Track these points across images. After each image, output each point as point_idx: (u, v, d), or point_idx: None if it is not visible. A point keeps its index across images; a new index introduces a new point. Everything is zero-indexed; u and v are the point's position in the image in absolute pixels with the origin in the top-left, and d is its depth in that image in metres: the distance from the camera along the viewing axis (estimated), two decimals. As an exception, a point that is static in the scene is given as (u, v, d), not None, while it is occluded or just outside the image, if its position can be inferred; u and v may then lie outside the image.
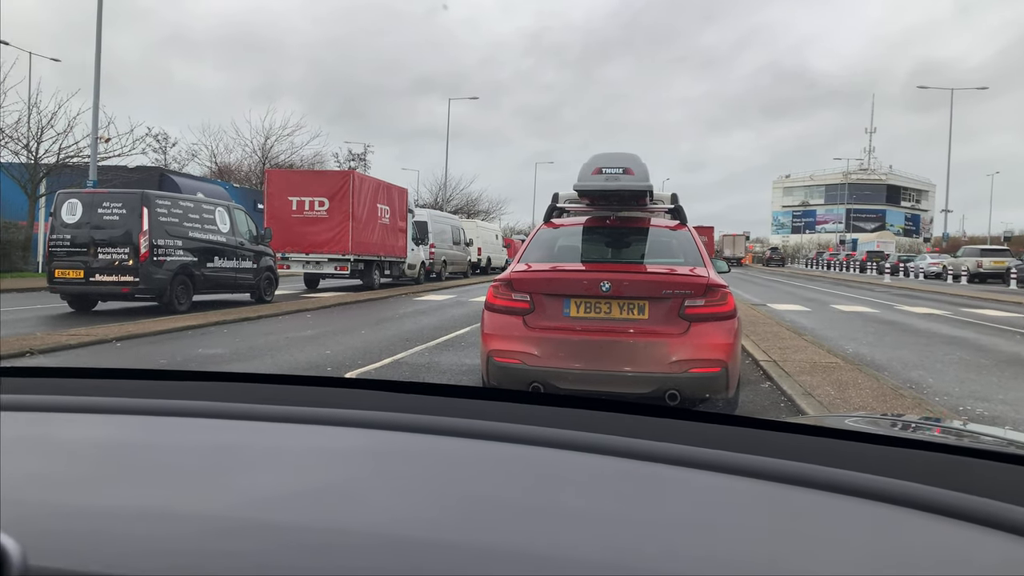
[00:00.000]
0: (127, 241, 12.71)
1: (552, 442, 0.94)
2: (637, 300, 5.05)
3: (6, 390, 1.15)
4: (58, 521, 0.70)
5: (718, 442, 0.93)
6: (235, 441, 0.97)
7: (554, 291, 5.18)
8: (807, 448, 0.92)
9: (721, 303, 5.05)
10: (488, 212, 64.94)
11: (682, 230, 6.06)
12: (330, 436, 0.99)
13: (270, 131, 44.69)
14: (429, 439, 0.97)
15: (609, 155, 5.95)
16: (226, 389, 1.17)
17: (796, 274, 50.71)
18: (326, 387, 1.20)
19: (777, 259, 77.16)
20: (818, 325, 13.86)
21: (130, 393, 1.14)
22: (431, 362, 8.54)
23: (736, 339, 5.09)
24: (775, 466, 0.87)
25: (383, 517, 0.73)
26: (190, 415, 1.05)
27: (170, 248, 13.25)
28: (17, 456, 0.89)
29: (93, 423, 1.03)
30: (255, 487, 0.80)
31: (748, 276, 41.80)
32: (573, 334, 5.09)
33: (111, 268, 12.71)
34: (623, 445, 0.93)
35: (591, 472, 0.88)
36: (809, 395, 6.44)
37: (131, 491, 0.78)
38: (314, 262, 20.10)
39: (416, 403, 1.07)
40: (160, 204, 13.31)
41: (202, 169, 44.08)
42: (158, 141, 41.45)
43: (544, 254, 5.80)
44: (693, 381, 4.90)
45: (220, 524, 0.70)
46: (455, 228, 31.21)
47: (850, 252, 67.98)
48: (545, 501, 0.80)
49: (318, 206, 19.94)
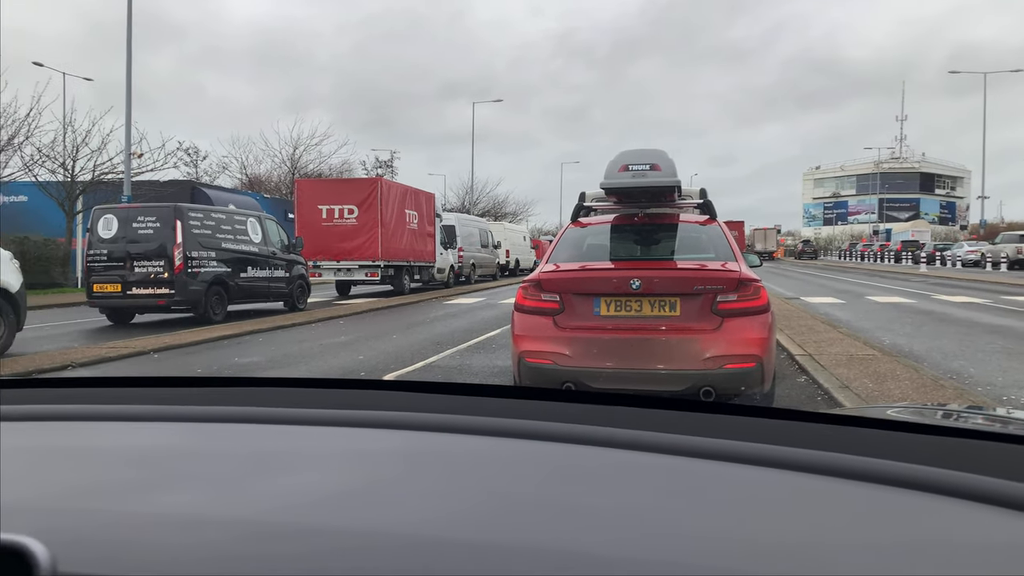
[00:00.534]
0: (162, 254, 12.93)
1: (587, 439, 0.94)
2: (668, 297, 5.01)
3: (45, 401, 1.18)
4: (92, 528, 0.71)
5: (757, 435, 0.92)
6: (270, 446, 0.97)
7: (584, 290, 5.16)
8: (849, 439, 0.91)
9: (754, 297, 4.99)
10: (515, 214, 64.96)
11: (712, 225, 6.00)
12: (364, 438, 0.99)
13: (298, 141, 45.18)
14: (463, 439, 0.96)
15: (635, 152, 5.92)
16: (260, 394, 1.18)
17: (829, 266, 49.96)
18: (358, 390, 1.20)
19: (809, 252, 76.11)
20: (853, 317, 13.65)
21: (165, 401, 1.16)
22: (462, 365, 8.56)
23: (770, 333, 5.03)
24: (817, 458, 0.86)
25: (419, 518, 0.73)
26: (225, 421, 1.06)
27: (204, 259, 13.44)
28: (55, 465, 0.91)
29: (129, 431, 1.04)
30: (291, 491, 0.80)
31: (780, 270, 41.29)
32: (604, 333, 5.07)
33: (147, 281, 12.93)
34: (660, 441, 0.92)
35: (630, 469, 0.87)
36: (846, 388, 6.34)
37: (167, 497, 0.79)
38: (345, 269, 20.26)
39: (449, 403, 1.07)
40: (193, 217, 13.52)
41: (233, 181, 44.68)
42: (189, 155, 42.13)
43: (573, 254, 5.79)
44: (728, 377, 4.85)
45: (256, 529, 0.70)
46: (483, 231, 31.25)
47: (884, 242, 66.81)
48: (583, 499, 0.79)
49: (347, 214, 20.10)
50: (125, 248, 13.04)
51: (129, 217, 13.23)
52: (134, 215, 13.28)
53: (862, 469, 0.83)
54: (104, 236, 13.14)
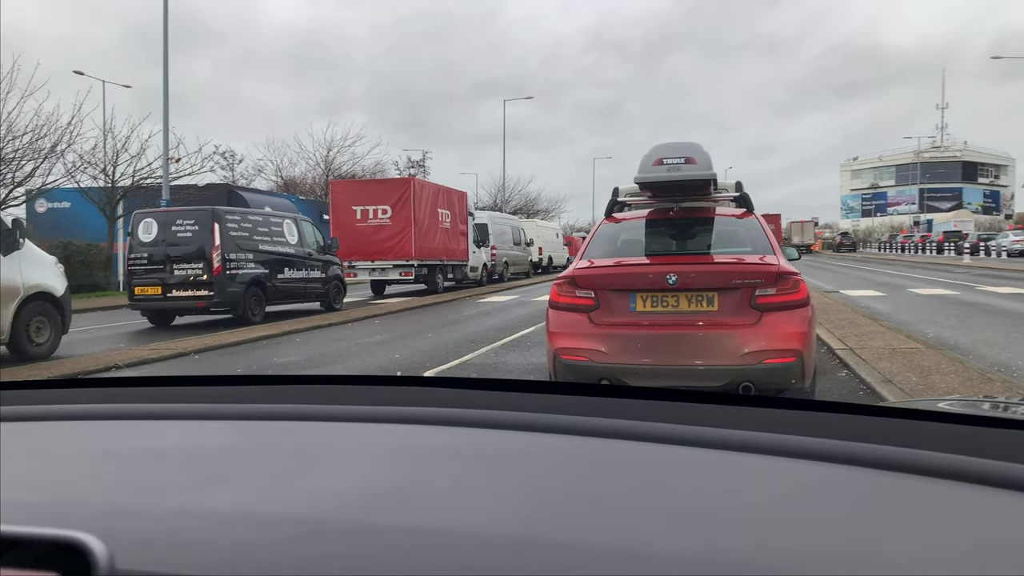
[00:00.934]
0: (200, 256, 13.13)
1: (635, 435, 0.92)
2: (705, 292, 4.95)
3: (94, 400, 1.20)
4: (146, 524, 0.71)
5: (803, 429, 0.90)
6: (315, 443, 0.98)
7: (619, 286, 5.12)
8: (902, 432, 0.88)
9: (793, 291, 4.91)
10: (547, 211, 64.90)
11: (749, 218, 5.92)
12: (410, 435, 0.98)
13: (332, 143, 45.62)
14: (508, 435, 0.96)
15: (670, 145, 5.86)
16: (304, 392, 1.18)
17: (868, 259, 49.10)
18: (402, 386, 1.20)
19: (848, 244, 74.83)
20: (895, 310, 13.39)
21: (211, 399, 1.17)
22: (498, 362, 8.57)
23: (810, 327, 4.95)
24: (868, 451, 0.83)
25: (464, 515, 0.72)
26: (270, 419, 1.07)
27: (242, 261, 13.63)
28: (107, 462, 0.92)
29: (177, 429, 1.05)
30: (336, 488, 0.80)
31: (818, 263, 40.68)
32: (640, 329, 5.03)
33: (186, 283, 13.16)
34: (706, 436, 0.90)
35: (678, 464, 0.86)
36: (889, 382, 6.22)
37: (216, 495, 0.79)
38: (379, 269, 20.41)
39: (492, 400, 1.06)
40: (230, 219, 13.72)
41: (268, 184, 45.30)
42: (225, 159, 42.83)
43: (607, 249, 5.75)
44: (767, 372, 4.78)
45: (303, 526, 0.70)
46: (515, 229, 31.25)
47: (925, 233, 65.52)
48: (633, 496, 0.78)
49: (381, 214, 20.25)
50: (165, 251, 13.28)
51: (168, 221, 13.47)
52: (173, 219, 13.52)
53: (918, 463, 0.81)
54: (144, 240, 13.39)
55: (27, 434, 1.06)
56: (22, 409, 1.15)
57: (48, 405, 1.17)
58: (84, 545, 0.59)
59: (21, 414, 1.13)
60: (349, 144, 47.15)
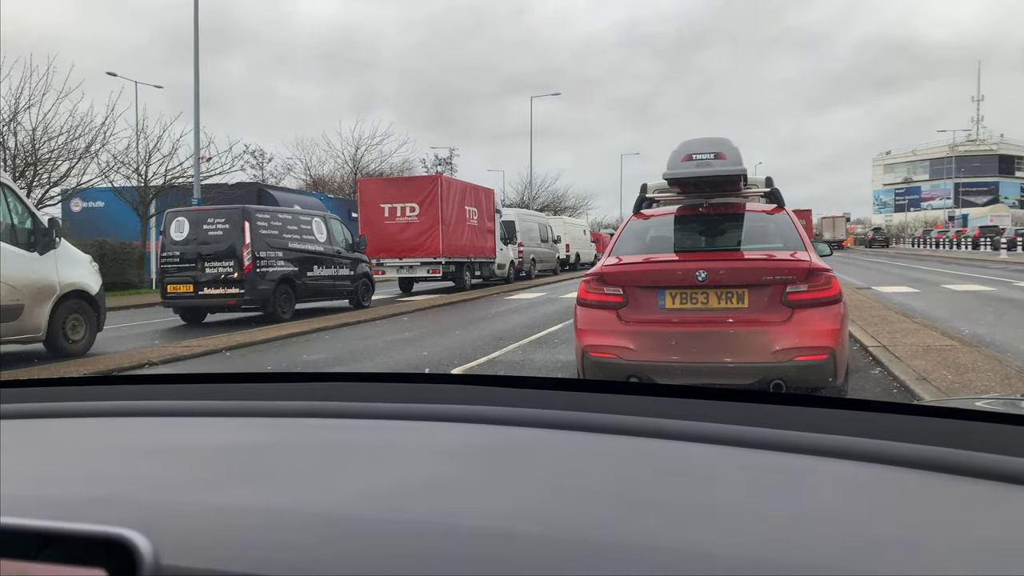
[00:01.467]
0: (231, 254, 13.28)
1: (666, 434, 0.91)
2: (736, 288, 4.90)
3: (130, 397, 1.21)
4: (187, 521, 0.72)
5: (837, 428, 0.88)
6: (346, 439, 0.98)
7: (648, 283, 5.09)
8: (940, 431, 0.86)
9: (825, 287, 4.85)
10: (575, 208, 64.72)
11: (780, 214, 5.85)
12: (439, 431, 0.99)
13: (360, 141, 45.94)
14: (538, 433, 0.95)
15: (699, 140, 5.81)
16: (337, 389, 1.19)
17: (902, 254, 48.33)
18: (431, 384, 1.20)
19: (880, 240, 73.75)
20: (929, 306, 13.16)
21: (245, 396, 1.18)
22: (525, 360, 8.57)
23: (843, 324, 4.88)
24: (904, 450, 0.82)
25: (497, 512, 0.72)
26: (303, 415, 1.08)
27: (272, 259, 13.77)
28: (145, 458, 0.93)
29: (213, 426, 1.07)
30: (369, 485, 0.80)
31: (850, 258, 40.13)
32: (669, 326, 4.99)
33: (217, 281, 13.32)
34: (738, 434, 0.89)
35: (709, 463, 0.85)
36: (924, 380, 6.12)
37: (253, 490, 0.80)
38: (407, 266, 20.53)
39: (522, 397, 1.06)
40: (260, 218, 13.86)
41: (297, 182, 45.75)
42: (255, 158, 43.35)
43: (635, 246, 5.71)
44: (799, 370, 4.73)
45: (337, 522, 0.71)
46: (542, 226, 31.22)
47: (960, 228, 64.33)
48: (664, 494, 0.77)
49: (409, 212, 20.35)
50: (196, 249, 13.46)
51: (200, 219, 13.64)
52: (204, 217, 13.69)
53: (957, 462, 0.79)
54: (176, 238, 13.58)
55: (65, 430, 1.08)
56: (59, 406, 1.17)
57: (85, 402, 1.19)
58: (130, 542, 0.60)
59: (59, 411, 1.15)
60: (377, 142, 47.51)
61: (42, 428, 1.09)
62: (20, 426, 1.09)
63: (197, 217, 13.75)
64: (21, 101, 22.37)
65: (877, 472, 0.80)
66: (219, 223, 13.47)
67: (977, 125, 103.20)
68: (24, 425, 1.09)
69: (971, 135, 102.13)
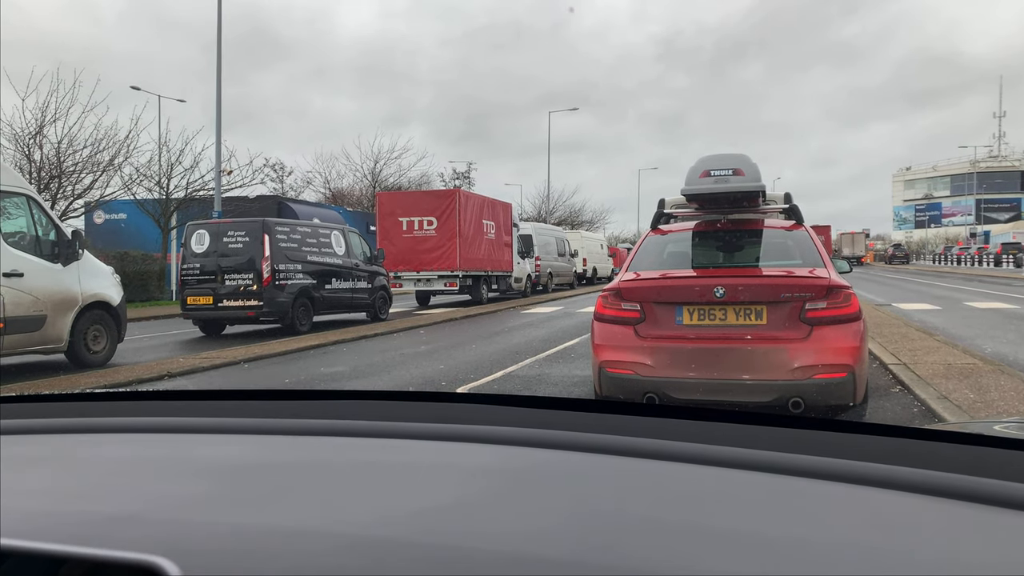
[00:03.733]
0: (251, 267, 13.38)
1: (687, 457, 0.91)
2: (754, 305, 4.88)
3: (154, 413, 1.22)
4: (213, 543, 0.72)
5: (862, 453, 0.88)
6: (372, 458, 0.98)
7: (665, 299, 5.08)
8: (955, 457, 0.85)
9: (845, 304, 4.81)
10: (592, 222, 64.70)
11: (799, 230, 5.82)
12: (464, 452, 0.99)
13: (379, 155, 46.25)
14: (561, 455, 0.95)
15: (717, 156, 5.81)
16: (359, 407, 1.19)
17: (923, 271, 47.84)
18: (455, 403, 1.20)
19: (900, 256, 73.03)
20: (950, 324, 13.01)
21: (266, 413, 1.18)
22: (541, 374, 8.55)
23: (862, 342, 4.84)
24: (923, 477, 0.81)
25: (522, 535, 0.72)
26: (322, 434, 1.08)
27: (290, 272, 13.87)
28: (169, 476, 0.93)
29: (233, 443, 1.07)
30: (389, 505, 0.80)
31: (870, 275, 39.77)
32: (687, 342, 4.97)
33: (237, 293, 13.42)
34: (758, 458, 0.89)
35: (728, 487, 0.84)
36: (945, 399, 6.04)
37: (277, 511, 0.80)
38: (425, 279, 20.59)
39: (545, 418, 1.06)
40: (279, 231, 13.97)
41: (317, 195, 46.07)
42: (275, 171, 43.75)
43: (653, 261, 5.70)
44: (818, 388, 4.69)
45: (359, 542, 0.71)
46: (560, 240, 31.22)
47: (982, 245, 63.60)
48: (691, 519, 0.77)
49: (427, 225, 20.45)
50: (216, 262, 13.58)
51: (220, 232, 13.77)
52: (224, 230, 13.81)
53: (974, 490, 0.78)
54: (197, 251, 13.70)
55: (87, 447, 1.08)
56: (82, 421, 1.18)
57: (108, 418, 1.20)
58: (160, 569, 0.60)
59: (81, 426, 1.16)
60: (396, 156, 47.80)
61: (65, 444, 1.09)
62: (44, 442, 1.10)
63: (217, 230, 13.87)
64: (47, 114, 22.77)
65: (896, 499, 0.79)
66: (239, 236, 13.58)
67: (999, 141, 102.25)
68: (47, 441, 1.11)
69: (992, 151, 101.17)
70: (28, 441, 1.10)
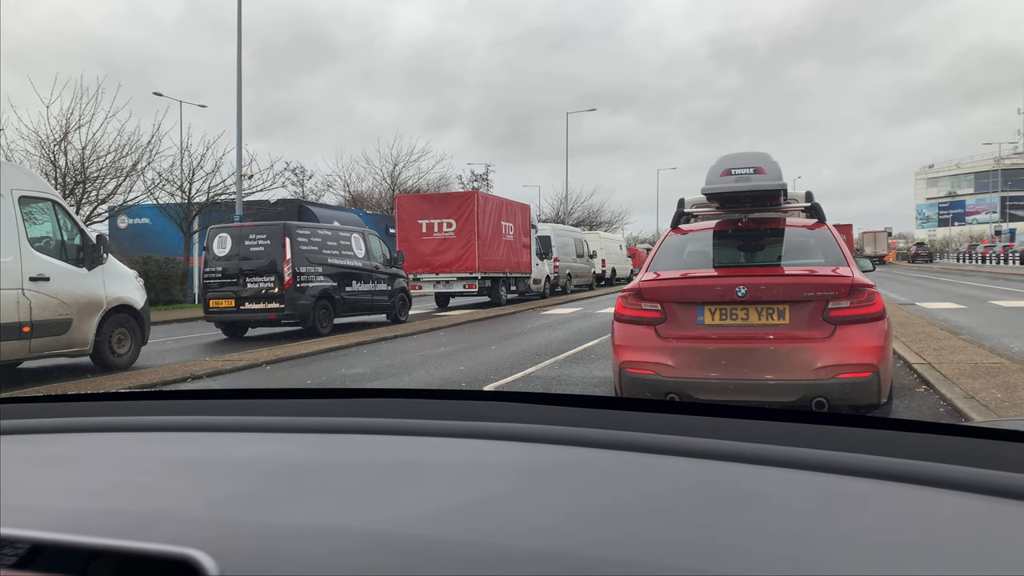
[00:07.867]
0: (272, 270, 13.49)
1: (713, 454, 0.91)
2: (776, 304, 4.84)
3: (182, 412, 1.23)
4: (246, 540, 0.73)
5: (892, 449, 0.87)
6: (395, 457, 0.99)
7: (686, 299, 5.05)
8: (986, 453, 0.85)
9: (868, 303, 4.77)
10: (611, 223, 64.52)
11: (821, 229, 5.77)
12: (489, 450, 0.99)
13: (398, 158, 46.43)
14: (583, 451, 0.95)
15: (738, 155, 5.77)
16: (384, 405, 1.20)
17: (946, 269, 47.24)
18: (479, 401, 1.21)
19: (923, 255, 72.16)
20: (976, 323, 12.84)
21: (292, 412, 1.19)
22: (561, 375, 8.54)
23: (887, 341, 4.79)
24: (952, 473, 0.80)
25: (550, 532, 0.72)
26: (350, 432, 1.09)
27: (311, 275, 13.95)
28: (200, 474, 0.94)
29: (263, 442, 1.08)
30: (417, 503, 0.81)
31: (893, 274, 39.34)
32: (708, 343, 4.94)
33: (259, 296, 13.53)
34: (785, 455, 0.88)
35: (759, 484, 0.84)
36: (972, 399, 5.96)
37: (306, 508, 0.81)
38: (444, 281, 20.64)
39: (566, 415, 1.06)
40: (300, 234, 14.06)
41: (337, 198, 46.34)
42: (296, 175, 44.04)
43: (673, 261, 5.67)
44: (842, 388, 4.64)
45: (388, 540, 0.71)
46: (578, 241, 31.16)
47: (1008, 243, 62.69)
48: (718, 515, 0.76)
49: (446, 227, 20.49)
50: (238, 265, 13.69)
51: (242, 235, 13.89)
52: (246, 233, 13.93)
53: (1008, 486, 0.77)
54: (219, 254, 13.83)
55: (115, 445, 1.10)
56: (111, 420, 1.19)
57: (134, 417, 1.21)
58: (197, 562, 0.60)
59: (111, 425, 1.18)
60: (415, 159, 47.96)
61: (99, 442, 1.11)
62: (79, 440, 1.11)
63: (239, 233, 13.99)
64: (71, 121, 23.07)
65: (928, 495, 0.79)
66: (260, 239, 13.69)
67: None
68: (82, 439, 1.12)
69: (1017, 148, 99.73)
70: (62, 440, 1.12)
